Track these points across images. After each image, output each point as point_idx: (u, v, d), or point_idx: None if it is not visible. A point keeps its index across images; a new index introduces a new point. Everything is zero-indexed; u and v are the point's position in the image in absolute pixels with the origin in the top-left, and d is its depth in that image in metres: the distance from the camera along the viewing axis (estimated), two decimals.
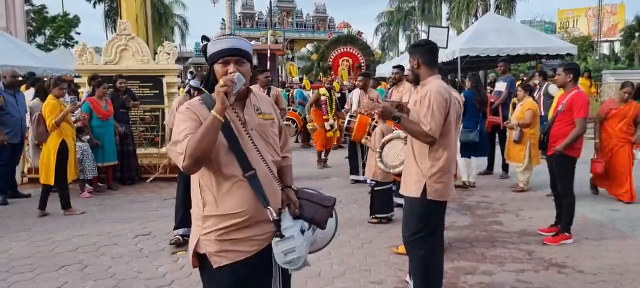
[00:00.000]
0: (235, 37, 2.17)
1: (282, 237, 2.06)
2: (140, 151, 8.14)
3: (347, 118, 7.37)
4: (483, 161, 8.16)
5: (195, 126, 2.00)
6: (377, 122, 5.83)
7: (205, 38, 2.15)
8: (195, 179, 2.13)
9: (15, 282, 4.12)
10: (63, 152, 6.01)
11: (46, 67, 16.56)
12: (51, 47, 31.08)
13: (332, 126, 9.05)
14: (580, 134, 4.77)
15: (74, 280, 4.14)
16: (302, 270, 2.15)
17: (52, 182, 6.02)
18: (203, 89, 2.22)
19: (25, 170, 8.02)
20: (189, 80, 4.72)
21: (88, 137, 7.10)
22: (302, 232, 2.12)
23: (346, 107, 8.29)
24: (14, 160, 7.15)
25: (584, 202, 6.34)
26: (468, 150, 7.43)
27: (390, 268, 4.33)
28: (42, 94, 6.78)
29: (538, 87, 8.92)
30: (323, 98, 9.15)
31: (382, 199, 5.61)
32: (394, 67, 6.84)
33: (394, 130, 4.86)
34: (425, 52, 3.40)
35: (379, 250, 4.81)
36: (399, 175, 4.40)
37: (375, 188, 5.54)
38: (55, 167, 5.97)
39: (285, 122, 9.73)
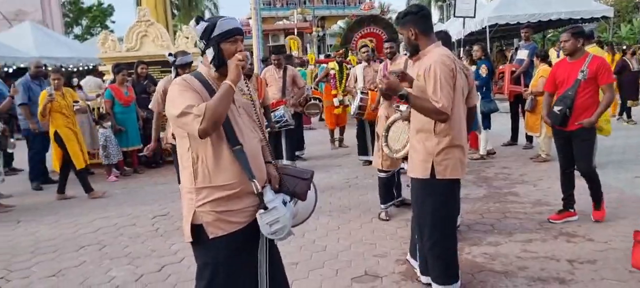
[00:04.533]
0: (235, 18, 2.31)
1: (265, 208, 2.14)
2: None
3: (358, 95, 6.47)
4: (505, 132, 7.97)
5: (198, 97, 2.08)
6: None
7: (200, 18, 2.23)
8: (185, 152, 2.18)
9: (38, 261, 4.37)
10: (57, 141, 6.32)
11: (81, 57, 17.14)
12: (88, 37, 31.89)
13: (341, 102, 8.50)
14: (613, 100, 4.47)
15: (91, 259, 4.36)
16: (310, 246, 2.22)
17: (57, 169, 6.46)
18: (213, 66, 2.22)
19: None
20: (173, 61, 4.77)
21: (110, 123, 7.35)
22: (284, 203, 2.21)
23: (349, 83, 7.27)
24: (44, 148, 7.48)
25: (608, 170, 6.14)
26: (488, 120, 7.29)
27: (396, 242, 4.34)
28: None
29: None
30: (332, 72, 8.67)
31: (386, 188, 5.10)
32: (386, 41, 5.77)
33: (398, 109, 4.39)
34: (419, 19, 3.03)
35: (387, 224, 4.81)
36: (405, 159, 4.17)
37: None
38: (59, 155, 6.37)
39: (312, 101, 9.63)
